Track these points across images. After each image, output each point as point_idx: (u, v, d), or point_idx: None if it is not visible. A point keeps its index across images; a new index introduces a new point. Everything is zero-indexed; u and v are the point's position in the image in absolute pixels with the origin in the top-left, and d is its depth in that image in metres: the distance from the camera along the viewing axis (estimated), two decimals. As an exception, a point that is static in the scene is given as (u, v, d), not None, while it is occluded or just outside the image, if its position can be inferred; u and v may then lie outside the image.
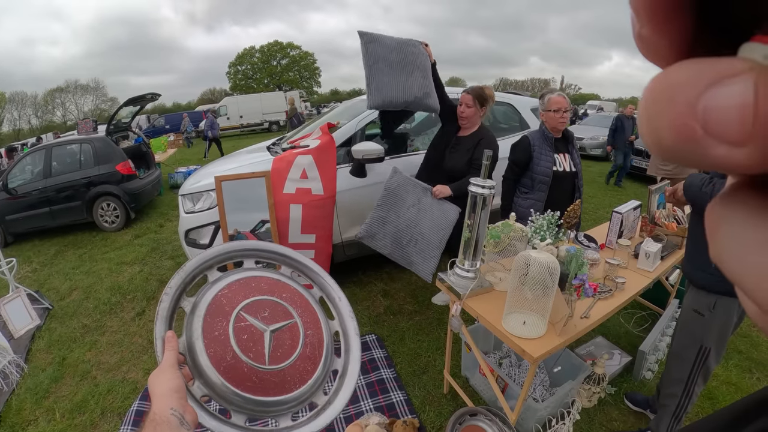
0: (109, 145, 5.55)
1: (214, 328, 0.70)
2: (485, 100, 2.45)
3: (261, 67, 45.25)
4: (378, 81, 2.29)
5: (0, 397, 2.37)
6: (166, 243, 4.70)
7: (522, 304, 1.48)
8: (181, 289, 0.76)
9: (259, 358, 0.70)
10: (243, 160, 3.22)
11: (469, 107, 2.43)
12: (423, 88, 2.38)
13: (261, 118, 20.73)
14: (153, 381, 0.59)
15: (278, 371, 0.71)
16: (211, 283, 0.78)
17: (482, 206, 1.58)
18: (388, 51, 2.31)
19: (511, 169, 2.46)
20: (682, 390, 1.67)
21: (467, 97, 2.43)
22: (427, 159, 2.74)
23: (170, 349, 0.65)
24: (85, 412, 2.23)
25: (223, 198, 2.65)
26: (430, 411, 2.08)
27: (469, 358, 2.20)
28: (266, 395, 0.68)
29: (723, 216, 0.12)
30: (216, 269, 0.82)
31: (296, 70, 46.54)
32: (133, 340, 2.85)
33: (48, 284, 3.89)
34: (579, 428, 1.93)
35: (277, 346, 0.72)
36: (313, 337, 0.78)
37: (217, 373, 0.66)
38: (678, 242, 2.12)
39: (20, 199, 5.15)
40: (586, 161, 9.12)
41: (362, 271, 3.55)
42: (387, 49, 2.31)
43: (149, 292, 3.50)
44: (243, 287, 0.77)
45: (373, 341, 2.62)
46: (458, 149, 2.52)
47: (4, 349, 2.60)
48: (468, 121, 2.48)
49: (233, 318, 0.72)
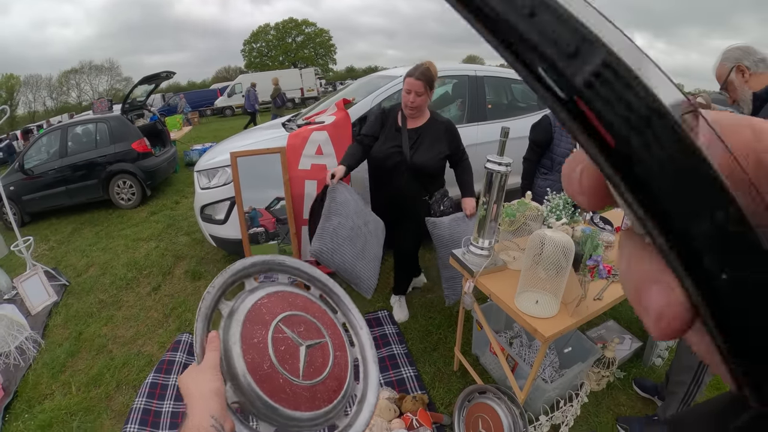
0: (124, 123, 5.61)
1: (254, 335, 0.69)
2: (433, 82, 2.13)
3: (276, 44, 44.94)
4: (324, 229, 2.06)
5: (17, 372, 2.43)
6: (182, 219, 4.77)
7: (535, 283, 1.47)
8: (222, 290, 0.75)
9: (294, 371, 0.69)
10: (258, 137, 3.22)
11: (420, 95, 2.07)
12: (363, 270, 2.10)
13: None
14: (190, 380, 0.57)
15: (310, 387, 0.70)
16: (249, 291, 0.77)
17: (498, 184, 1.55)
18: (348, 215, 2.10)
19: (532, 150, 2.39)
20: (692, 377, 1.67)
21: (417, 84, 2.04)
22: (376, 165, 2.31)
23: (213, 350, 0.63)
24: (101, 385, 2.29)
25: (238, 173, 2.66)
26: (440, 387, 2.11)
27: (479, 337, 2.21)
28: (296, 409, 0.68)
29: (621, 243, 0.17)
30: (252, 278, 0.82)
31: (311, 48, 46.10)
32: (148, 315, 2.92)
33: (65, 261, 3.98)
34: (586, 411, 1.94)
35: (310, 362, 0.72)
36: (340, 359, 0.78)
37: (252, 380, 0.65)
38: None
39: (36, 179, 5.25)
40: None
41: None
42: (347, 211, 2.11)
43: (165, 268, 3.56)
44: (281, 300, 0.77)
45: (385, 317, 2.65)
46: (422, 142, 2.18)
47: (21, 325, 2.67)
48: (419, 111, 2.15)
49: (272, 328, 0.71)
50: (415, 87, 2.05)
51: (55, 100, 43.32)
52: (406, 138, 2.17)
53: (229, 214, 2.86)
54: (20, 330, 2.64)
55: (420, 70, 2.05)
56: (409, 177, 2.20)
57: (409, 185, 2.21)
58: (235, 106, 20.08)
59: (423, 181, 2.24)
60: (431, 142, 2.18)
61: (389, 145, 2.20)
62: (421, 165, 2.17)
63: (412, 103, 2.08)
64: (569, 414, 1.84)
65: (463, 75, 3.38)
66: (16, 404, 2.23)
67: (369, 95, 3.05)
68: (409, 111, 2.14)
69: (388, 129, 2.22)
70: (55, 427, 2.04)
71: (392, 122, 2.22)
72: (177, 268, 3.57)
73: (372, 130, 2.25)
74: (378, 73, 4.04)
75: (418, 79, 2.04)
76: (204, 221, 3.01)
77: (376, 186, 2.39)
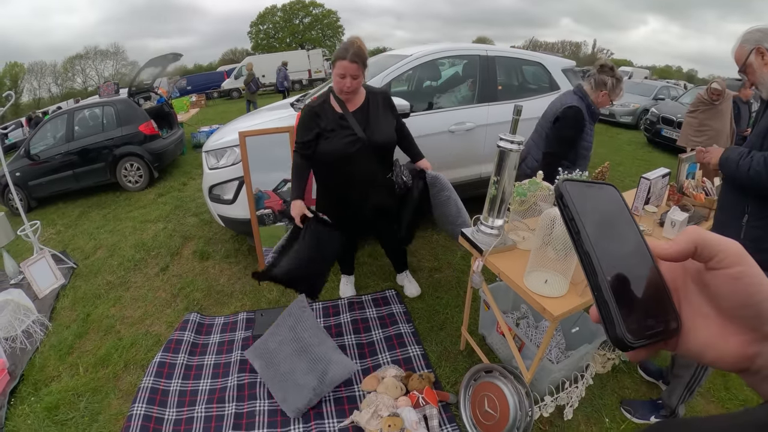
0: (131, 106, 5.61)
1: None
2: (367, 61, 1.96)
3: (283, 26, 44.37)
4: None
5: (23, 356, 2.41)
6: (190, 200, 4.79)
7: (545, 263, 1.46)
8: None
9: None
10: (266, 117, 3.20)
11: (356, 78, 1.91)
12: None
13: None
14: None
15: None
16: None
17: (510, 162, 1.53)
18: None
19: (561, 145, 2.21)
20: (697, 363, 1.65)
21: (352, 66, 1.87)
22: (333, 163, 2.10)
23: None
24: (109, 365, 2.30)
25: (247, 153, 2.65)
26: (446, 366, 2.12)
27: (486, 317, 2.22)
28: None
29: None
30: None
31: (319, 29, 45.47)
32: (156, 295, 2.94)
33: (72, 244, 4.00)
34: (591, 393, 1.95)
35: None
36: None
37: None
38: (705, 214, 2.04)
39: (43, 164, 5.26)
40: (615, 128, 8.82)
41: (384, 227, 3.58)
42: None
43: (173, 248, 3.59)
44: None
45: (393, 296, 2.67)
46: (372, 120, 2.05)
47: (28, 309, 2.67)
48: (355, 93, 1.99)
49: None
50: (350, 70, 1.88)
51: (60, 86, 43.18)
52: (354, 122, 2.01)
53: (237, 194, 2.86)
54: (27, 314, 2.64)
55: (352, 51, 1.86)
56: (373, 159, 2.08)
57: (375, 168, 2.11)
58: (241, 88, 20.03)
59: (384, 159, 2.16)
60: (378, 116, 2.06)
61: (342, 135, 2.01)
62: (382, 142, 2.06)
63: (348, 88, 1.91)
64: (574, 395, 1.85)
65: (473, 55, 3.31)
66: (22, 388, 2.22)
67: (378, 74, 3.01)
68: (345, 96, 1.98)
69: (327, 122, 2.02)
70: (62, 409, 2.04)
71: (329, 114, 2.02)
72: (185, 249, 3.60)
73: (308, 134, 2.03)
74: (387, 52, 3.98)
75: (352, 61, 1.86)
76: (212, 201, 3.01)
77: (336, 185, 2.18)
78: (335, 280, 2.85)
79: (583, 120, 2.16)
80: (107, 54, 46.32)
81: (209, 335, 2.44)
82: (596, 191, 0.36)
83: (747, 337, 0.29)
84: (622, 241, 0.34)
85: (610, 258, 0.32)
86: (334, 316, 2.52)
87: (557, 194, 0.35)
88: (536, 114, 2.44)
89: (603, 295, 0.30)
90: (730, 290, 0.29)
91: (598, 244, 0.32)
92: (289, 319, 2.10)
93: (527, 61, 3.63)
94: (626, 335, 0.29)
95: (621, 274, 0.32)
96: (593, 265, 0.31)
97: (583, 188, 0.35)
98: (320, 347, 2.00)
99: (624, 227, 0.35)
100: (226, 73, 21.31)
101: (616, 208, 0.36)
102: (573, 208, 0.33)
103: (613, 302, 0.30)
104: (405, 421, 1.70)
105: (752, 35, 1.44)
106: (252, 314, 2.57)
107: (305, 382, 1.89)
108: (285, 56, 21.11)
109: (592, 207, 0.34)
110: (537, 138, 2.40)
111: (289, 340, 2.04)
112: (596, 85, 2.16)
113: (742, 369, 0.30)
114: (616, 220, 0.35)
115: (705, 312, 0.31)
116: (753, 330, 0.29)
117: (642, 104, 8.96)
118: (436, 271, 2.96)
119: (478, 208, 1.79)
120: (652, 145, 7.34)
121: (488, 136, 3.23)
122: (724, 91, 4.12)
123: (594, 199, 0.35)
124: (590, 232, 0.32)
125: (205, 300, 2.82)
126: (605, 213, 0.35)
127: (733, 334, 0.30)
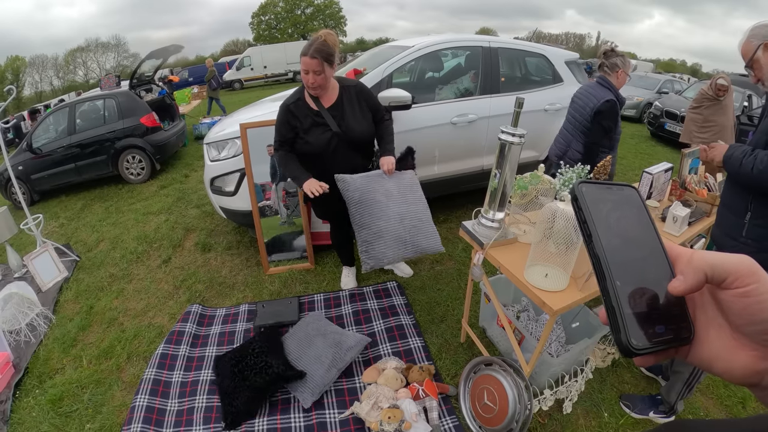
0: (132, 99, 5.60)
1: None
2: (333, 56, 1.93)
3: (285, 16, 44.03)
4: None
5: (27, 349, 2.42)
6: (192, 192, 4.80)
7: (545, 257, 1.45)
8: None
9: None
10: (267, 108, 3.19)
11: (318, 74, 1.90)
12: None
13: (285, 68, 20.68)
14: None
15: None
16: None
17: (511, 155, 1.52)
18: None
19: (602, 135, 2.44)
20: None
21: (313, 62, 1.86)
22: (311, 159, 2.13)
23: None
24: (112, 357, 2.31)
25: (248, 145, 2.65)
26: (446, 359, 2.13)
27: (487, 310, 2.22)
28: None
29: None
30: None
31: (321, 19, 45.09)
32: (159, 287, 2.95)
33: (75, 237, 4.01)
34: (591, 387, 1.95)
35: None
36: None
37: None
38: (707, 209, 2.02)
39: (45, 158, 5.26)
40: (617, 123, 8.73)
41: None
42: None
43: (175, 240, 3.60)
44: None
45: (394, 288, 2.67)
46: (347, 114, 2.06)
47: (32, 302, 2.67)
48: (323, 88, 1.98)
49: None
50: (311, 66, 1.88)
51: (61, 79, 43.08)
52: (329, 117, 2.03)
53: (239, 185, 2.86)
54: (31, 307, 2.64)
55: (314, 47, 1.86)
56: (352, 154, 2.11)
57: (355, 160, 2.13)
58: (243, 79, 19.92)
59: (363, 153, 2.19)
60: (354, 109, 2.08)
61: (319, 132, 2.04)
62: (359, 136, 2.08)
63: (312, 83, 1.92)
64: (573, 389, 1.85)
65: (476, 46, 3.28)
66: (26, 380, 2.23)
67: (380, 65, 2.99)
68: (313, 91, 1.99)
69: (304, 119, 2.04)
70: (66, 401, 2.05)
71: (305, 111, 2.05)
72: (187, 241, 3.61)
73: (287, 133, 2.07)
74: (389, 43, 3.95)
75: (312, 57, 1.86)
76: (214, 193, 3.02)
77: (316, 176, 2.11)
78: (336, 272, 2.86)
79: (618, 110, 2.40)
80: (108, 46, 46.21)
81: (210, 326, 2.45)
82: (614, 193, 0.35)
83: (758, 352, 0.29)
84: (637, 245, 0.33)
85: (623, 263, 0.32)
86: (335, 308, 2.52)
87: (572, 196, 0.34)
88: (539, 107, 2.43)
89: (610, 300, 0.30)
90: (741, 307, 0.28)
91: (609, 249, 0.32)
92: (302, 323, 2.27)
93: (530, 52, 3.59)
94: (631, 341, 0.29)
95: (632, 279, 0.31)
96: (603, 269, 0.31)
97: (600, 190, 0.35)
98: (331, 327, 2.19)
99: (641, 231, 0.34)
100: (228, 64, 21.25)
101: (634, 211, 0.35)
102: (587, 211, 0.33)
103: (619, 308, 0.30)
104: (405, 413, 1.70)
105: (759, 30, 1.42)
106: (254, 306, 2.58)
107: (324, 353, 2.00)
108: (287, 47, 21.05)
109: (609, 210, 0.34)
110: (574, 131, 2.58)
111: (302, 334, 2.17)
112: (611, 69, 2.38)
113: (753, 383, 0.30)
114: (633, 223, 0.34)
115: (719, 323, 0.31)
116: (765, 345, 0.28)
117: (646, 98, 8.88)
118: (437, 263, 2.96)
119: (479, 200, 1.79)
120: (655, 139, 7.29)
121: (490, 128, 3.21)
122: (730, 87, 4.06)
123: (611, 201, 0.35)
124: (602, 236, 0.32)
125: (207, 292, 2.83)
126: (622, 216, 0.34)
127: (744, 348, 0.29)
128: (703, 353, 0.31)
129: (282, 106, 2.07)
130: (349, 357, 2.00)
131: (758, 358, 0.29)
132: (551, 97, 3.45)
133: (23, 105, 24.73)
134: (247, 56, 20.29)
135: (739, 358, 0.29)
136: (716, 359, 0.31)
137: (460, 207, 3.77)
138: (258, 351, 1.98)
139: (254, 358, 1.94)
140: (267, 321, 2.33)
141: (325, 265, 3.00)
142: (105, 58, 45.88)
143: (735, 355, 0.29)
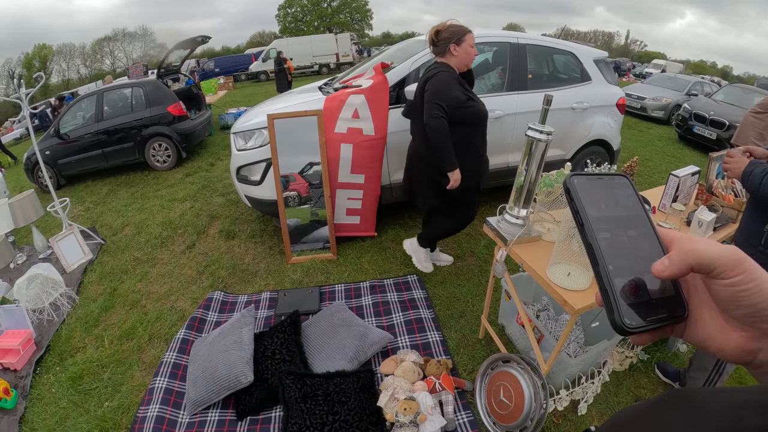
0: (160, 88, 5.71)
1: None
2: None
3: (311, 9, 44.11)
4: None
5: (50, 327, 2.48)
6: (217, 181, 4.88)
7: (568, 256, 1.45)
8: None
9: None
10: (294, 100, 3.23)
11: None
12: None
13: (311, 60, 20.87)
14: None
15: None
16: None
17: (537, 152, 1.51)
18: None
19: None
20: (714, 364, 1.65)
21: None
22: (475, 127, 2.23)
23: None
24: (133, 338, 2.37)
25: (275, 135, 2.69)
26: (464, 354, 2.14)
27: (507, 307, 2.22)
28: None
29: None
30: None
31: (347, 12, 45.11)
32: (182, 272, 3.02)
33: (101, 221, 4.11)
34: (606, 390, 1.93)
35: None
36: None
37: None
38: (733, 215, 1.97)
39: (72, 143, 5.39)
40: (646, 123, 8.53)
41: (408, 214, 3.59)
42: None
43: (200, 227, 3.67)
44: None
45: (414, 281, 2.69)
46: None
47: (57, 282, 2.74)
48: None
49: None
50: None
51: (89, 68, 44.16)
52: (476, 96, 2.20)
53: (264, 175, 2.91)
54: (55, 287, 2.71)
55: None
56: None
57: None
58: (269, 71, 20.17)
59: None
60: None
61: (476, 100, 2.17)
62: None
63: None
64: (589, 391, 1.84)
65: (504, 42, 3.25)
66: (48, 358, 2.28)
67: (407, 60, 2.98)
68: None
69: (465, 87, 2.16)
70: (86, 379, 2.10)
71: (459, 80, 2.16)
72: (211, 228, 3.69)
73: (463, 95, 2.10)
74: (416, 38, 3.93)
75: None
76: (239, 182, 3.07)
77: (471, 150, 2.22)
78: (358, 263, 2.89)
79: None
80: (135, 36, 47.15)
81: (232, 313, 2.51)
82: (606, 183, 0.38)
83: (747, 333, 0.30)
84: (630, 230, 0.35)
85: (615, 247, 0.34)
86: (356, 298, 2.56)
87: (564, 189, 0.37)
88: (567, 104, 2.36)
89: (603, 283, 0.32)
90: (727, 294, 0.30)
91: (601, 235, 0.34)
92: (326, 311, 2.32)
93: (558, 50, 3.53)
94: (624, 321, 0.31)
95: (625, 263, 0.33)
96: (595, 255, 0.33)
97: (591, 181, 0.37)
98: (357, 320, 2.24)
99: (633, 217, 0.36)
100: (254, 56, 21.47)
101: (626, 198, 0.37)
102: (578, 201, 0.35)
103: (612, 290, 0.32)
104: (420, 405, 1.73)
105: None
106: (275, 293, 2.64)
107: (348, 344, 2.05)
108: (312, 40, 21.16)
109: (600, 198, 0.36)
110: None
111: (326, 323, 2.23)
112: None
113: (746, 362, 0.31)
114: (625, 209, 0.36)
115: (711, 304, 0.32)
116: (752, 327, 0.30)
117: (674, 99, 8.61)
118: (459, 259, 2.96)
119: (501, 197, 1.78)
120: (683, 142, 7.07)
121: (517, 124, 3.18)
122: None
123: (603, 190, 0.37)
124: (594, 224, 0.34)
125: (229, 278, 2.90)
126: (615, 203, 0.36)
127: (734, 328, 0.31)
128: (698, 332, 0.33)
129: (445, 74, 2.09)
130: (371, 352, 2.04)
131: (747, 338, 0.30)
132: (579, 95, 3.39)
133: (50, 92, 25.48)
134: (273, 48, 20.50)
135: (731, 338, 0.31)
136: (710, 338, 0.32)
137: (483, 204, 3.75)
138: (279, 358, 2.01)
139: (275, 364, 1.98)
140: (288, 309, 2.38)
141: (347, 256, 3.03)
142: (132, 48, 46.84)
143: (727, 335, 0.31)
